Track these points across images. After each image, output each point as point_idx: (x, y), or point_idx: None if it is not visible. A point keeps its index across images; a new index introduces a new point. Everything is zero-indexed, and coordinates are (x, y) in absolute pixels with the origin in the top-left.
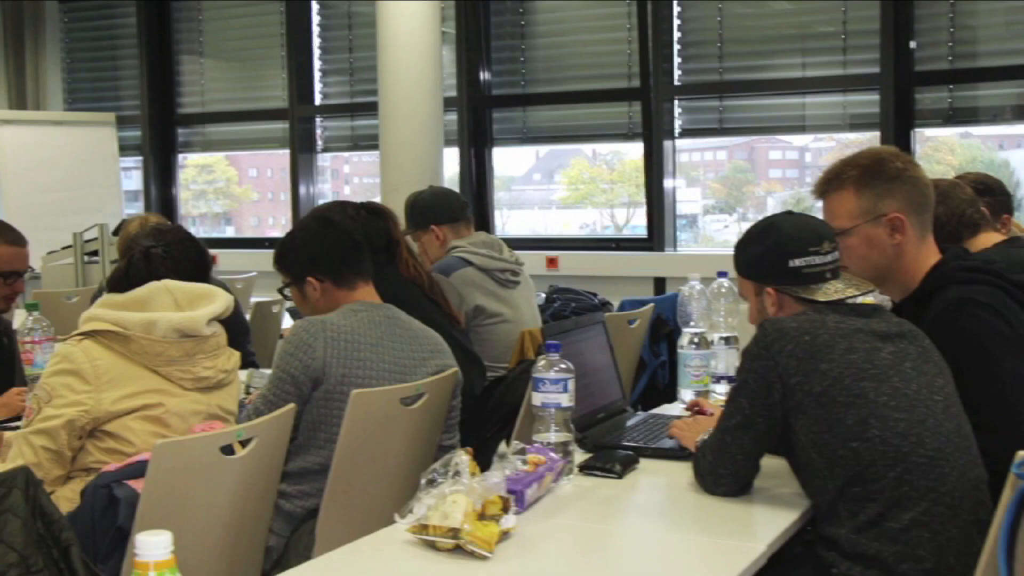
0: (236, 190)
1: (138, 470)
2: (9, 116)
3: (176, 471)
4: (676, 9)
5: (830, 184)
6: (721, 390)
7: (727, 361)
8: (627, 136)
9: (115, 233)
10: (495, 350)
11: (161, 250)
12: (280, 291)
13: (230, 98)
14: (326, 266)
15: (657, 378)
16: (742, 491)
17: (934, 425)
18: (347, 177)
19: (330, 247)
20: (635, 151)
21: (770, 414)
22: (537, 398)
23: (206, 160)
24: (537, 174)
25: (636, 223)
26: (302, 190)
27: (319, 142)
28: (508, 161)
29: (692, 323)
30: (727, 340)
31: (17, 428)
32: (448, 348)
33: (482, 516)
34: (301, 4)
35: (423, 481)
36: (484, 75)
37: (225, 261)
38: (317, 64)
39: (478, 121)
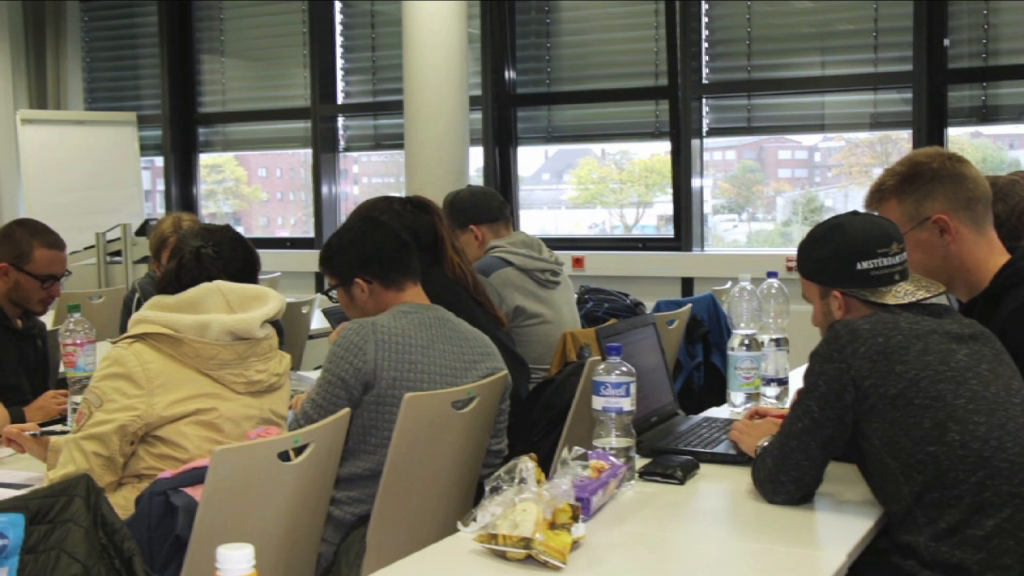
0: (245, 190)
1: (194, 477)
2: (30, 115)
3: (234, 478)
4: (704, 7)
5: (874, 197)
6: (771, 393)
7: (777, 363)
8: (654, 135)
9: (139, 233)
10: (535, 351)
11: (211, 250)
12: (326, 293)
13: (251, 97)
14: (374, 267)
15: (692, 380)
16: (803, 500)
17: (1015, 429)
18: (356, 177)
19: (378, 247)
20: (643, 151)
21: (840, 418)
22: (598, 402)
23: (215, 160)
24: (546, 174)
25: (645, 223)
26: (324, 190)
27: (341, 141)
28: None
29: (742, 324)
30: (777, 342)
31: (55, 432)
32: (497, 351)
33: (552, 525)
34: (324, 3)
35: (487, 488)
36: (509, 74)
37: None
38: (340, 63)
39: (503, 120)
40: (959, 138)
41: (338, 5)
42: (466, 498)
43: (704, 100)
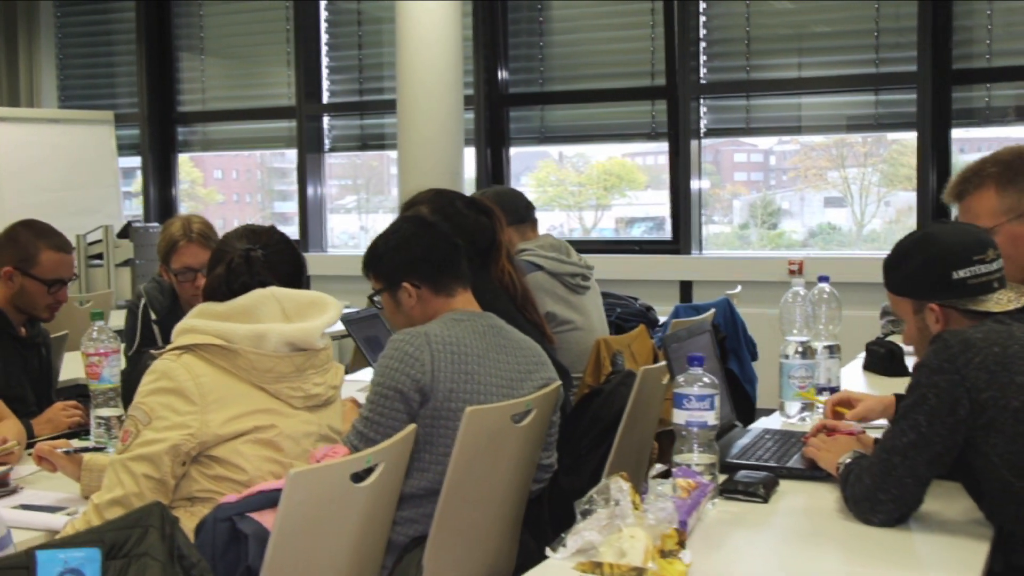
0: (200, 191)
1: (260, 502)
2: (4, 113)
3: (308, 503)
4: (702, 6)
5: (968, 183)
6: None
7: (830, 372)
8: (650, 136)
9: (121, 235)
10: (566, 359)
11: (261, 253)
12: (370, 299)
13: (231, 96)
14: (424, 271)
15: None
16: (899, 521)
17: None
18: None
19: (428, 250)
20: (600, 153)
21: (951, 434)
22: (680, 416)
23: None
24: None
25: (603, 226)
26: (310, 191)
27: (327, 141)
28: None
29: (795, 331)
30: (831, 349)
31: (88, 450)
32: (549, 360)
33: (662, 552)
34: (310, 1)
35: (578, 511)
36: (501, 73)
37: None
38: (325, 61)
39: (495, 120)
40: (913, 142)
41: (323, 2)
42: (518, 516)
43: (702, 100)
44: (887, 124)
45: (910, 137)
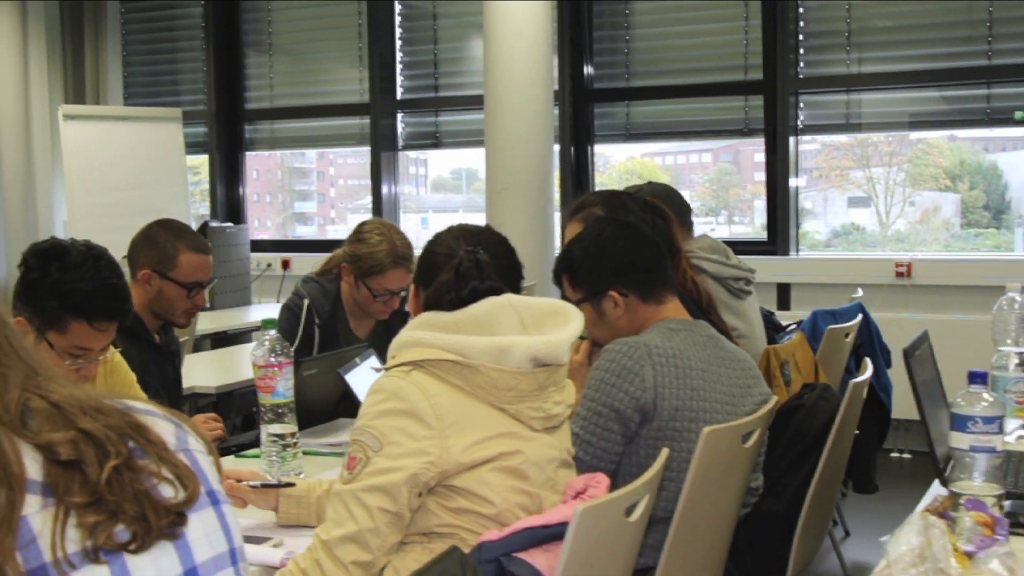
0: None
1: (526, 540)
2: (73, 111)
3: (589, 540)
4: None
5: None
6: None
7: None
8: (743, 132)
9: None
10: None
11: (487, 256)
12: None
13: (299, 92)
14: (631, 277)
15: None
16: None
17: None
18: (332, 179)
19: (634, 254)
20: (620, 153)
21: None
22: (962, 440)
23: (192, 162)
24: None
25: None
26: (384, 189)
27: (400, 139)
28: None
29: (1009, 341)
30: None
31: (276, 484)
32: (761, 374)
33: None
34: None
35: (887, 550)
36: (586, 69)
37: None
38: (398, 56)
39: (579, 117)
40: (938, 141)
41: None
42: (728, 543)
43: (800, 96)
44: (998, 120)
45: (935, 136)
